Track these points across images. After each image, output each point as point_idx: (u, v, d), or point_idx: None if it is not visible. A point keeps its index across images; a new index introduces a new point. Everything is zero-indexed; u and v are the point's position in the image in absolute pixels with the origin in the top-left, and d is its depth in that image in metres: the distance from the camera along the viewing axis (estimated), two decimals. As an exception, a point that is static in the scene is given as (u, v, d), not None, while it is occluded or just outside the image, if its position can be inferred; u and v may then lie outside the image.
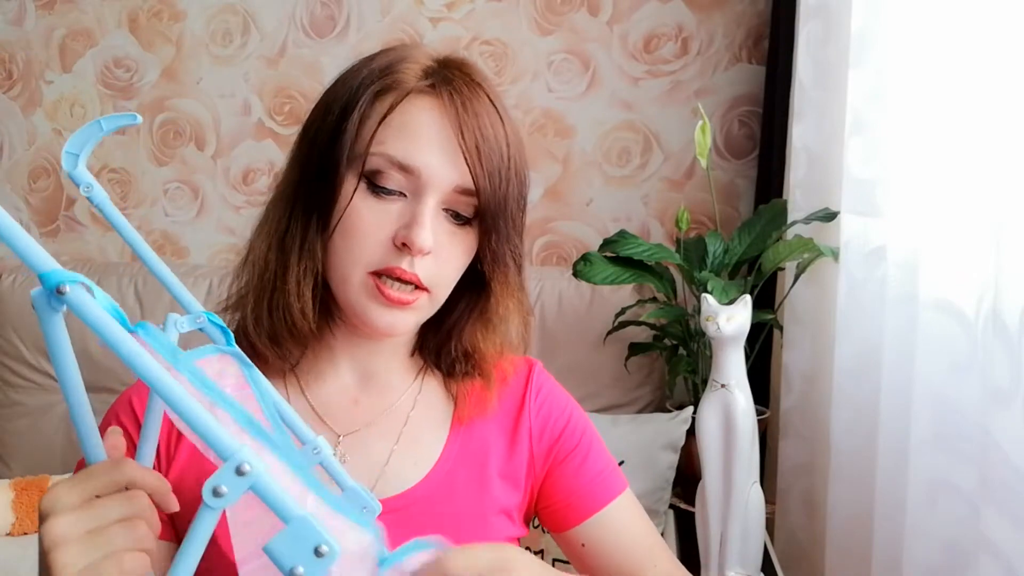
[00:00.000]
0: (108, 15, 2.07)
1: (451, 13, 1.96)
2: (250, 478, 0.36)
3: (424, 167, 0.69)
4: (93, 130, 0.51)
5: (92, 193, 0.51)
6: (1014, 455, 0.89)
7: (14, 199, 2.17)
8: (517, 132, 0.76)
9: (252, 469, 0.36)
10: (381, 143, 0.70)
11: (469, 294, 0.80)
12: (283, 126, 2.04)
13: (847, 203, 1.35)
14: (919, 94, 1.14)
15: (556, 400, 0.86)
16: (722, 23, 1.88)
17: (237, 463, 0.36)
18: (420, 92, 0.71)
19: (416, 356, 0.84)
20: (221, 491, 0.36)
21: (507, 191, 0.73)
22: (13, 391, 1.89)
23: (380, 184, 0.70)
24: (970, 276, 1.02)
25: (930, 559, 1.07)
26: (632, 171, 1.95)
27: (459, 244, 0.73)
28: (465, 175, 0.70)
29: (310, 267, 0.72)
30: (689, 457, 1.57)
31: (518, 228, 0.77)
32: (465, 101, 0.71)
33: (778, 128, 1.69)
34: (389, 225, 0.70)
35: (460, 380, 0.82)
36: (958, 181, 1.05)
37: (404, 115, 0.70)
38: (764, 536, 1.24)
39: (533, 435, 0.83)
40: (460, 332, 0.81)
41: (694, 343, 1.60)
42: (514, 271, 0.78)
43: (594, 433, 0.87)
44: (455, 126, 0.70)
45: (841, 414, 1.34)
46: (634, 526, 0.84)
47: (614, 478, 0.85)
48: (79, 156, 0.51)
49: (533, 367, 0.87)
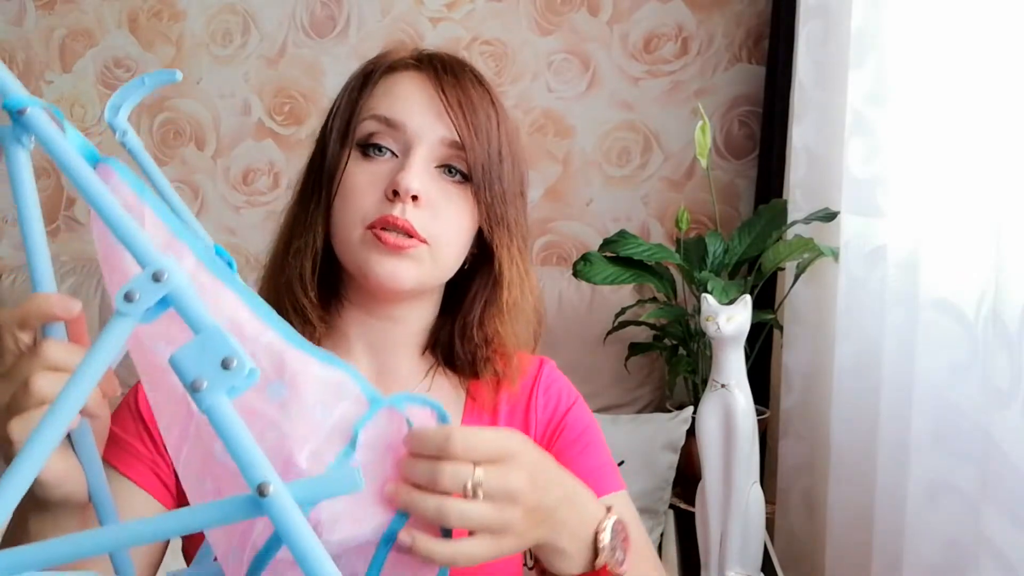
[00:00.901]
0: (108, 15, 2.07)
1: (451, 13, 1.96)
2: (166, 286, 0.33)
3: (408, 120, 0.73)
4: (136, 84, 0.54)
5: (127, 139, 0.54)
6: (1014, 455, 0.89)
7: (14, 199, 2.17)
8: (505, 110, 0.79)
9: (170, 278, 0.33)
10: (369, 109, 0.74)
11: (481, 275, 0.81)
12: (283, 126, 2.04)
13: (847, 203, 1.35)
14: (919, 94, 1.14)
15: (562, 394, 0.86)
16: (722, 23, 1.88)
17: (155, 269, 0.34)
18: (406, 67, 0.76)
19: (428, 355, 0.84)
20: (133, 296, 0.33)
21: (499, 153, 0.76)
22: (13, 391, 1.88)
23: (371, 144, 0.74)
24: (970, 276, 1.02)
25: (930, 559, 1.07)
26: (632, 171, 1.95)
27: (455, 201, 0.75)
28: (450, 128, 0.73)
29: (309, 240, 0.75)
30: (689, 457, 1.57)
31: (516, 201, 0.79)
32: (447, 69, 0.76)
33: (778, 128, 1.69)
34: (381, 182, 0.72)
35: (479, 374, 0.81)
36: (958, 181, 1.05)
37: (389, 82, 0.75)
38: (764, 536, 1.24)
39: (537, 429, 0.83)
40: (475, 312, 0.81)
41: (694, 343, 1.60)
42: (517, 237, 0.79)
43: (597, 432, 0.86)
44: (436, 87, 0.74)
45: (841, 414, 1.34)
46: None
47: (609, 476, 0.83)
48: (120, 107, 0.54)
49: (544, 364, 0.87)
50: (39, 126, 0.37)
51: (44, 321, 0.47)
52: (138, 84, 0.53)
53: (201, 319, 0.34)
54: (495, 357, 0.81)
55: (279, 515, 0.32)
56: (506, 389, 0.82)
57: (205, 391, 0.33)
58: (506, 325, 0.80)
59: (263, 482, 0.32)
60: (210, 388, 0.33)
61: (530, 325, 0.83)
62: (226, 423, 0.33)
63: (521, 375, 0.83)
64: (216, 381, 0.33)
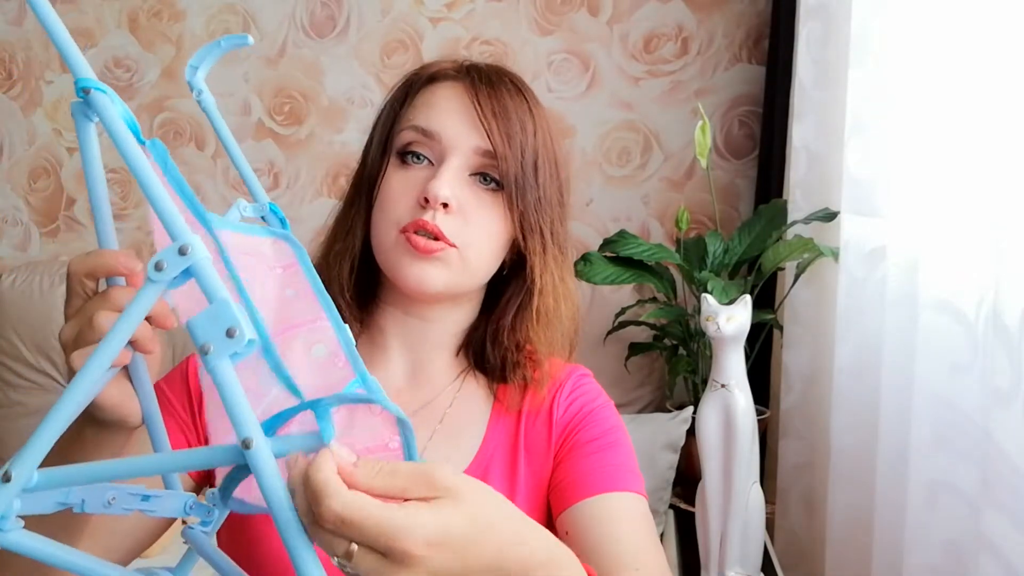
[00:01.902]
0: (108, 15, 2.07)
1: (451, 13, 1.96)
2: (189, 259, 0.39)
3: (443, 130, 0.76)
4: (212, 48, 0.58)
5: (202, 98, 0.58)
6: (1014, 455, 0.89)
7: (14, 199, 2.17)
8: (548, 122, 0.81)
9: (193, 251, 0.39)
10: (408, 120, 0.78)
11: (515, 281, 0.82)
12: (283, 126, 2.04)
13: (847, 203, 1.35)
14: (919, 94, 1.14)
15: (586, 397, 0.84)
16: (722, 23, 1.88)
17: (181, 243, 0.39)
18: (445, 77, 0.80)
19: (461, 356, 0.85)
20: (162, 265, 0.40)
21: (534, 163, 0.78)
22: (13, 391, 1.89)
23: (409, 152, 0.77)
24: (970, 276, 1.02)
25: (930, 559, 1.07)
26: (632, 171, 1.95)
27: (487, 209, 0.77)
28: (484, 137, 0.76)
29: (349, 244, 0.79)
30: (689, 457, 1.57)
31: (553, 207, 0.80)
32: (484, 80, 0.78)
33: (778, 128, 1.69)
34: (417, 188, 0.75)
35: (508, 378, 0.81)
36: (958, 181, 1.05)
37: (428, 94, 0.79)
38: (764, 536, 1.24)
39: (556, 430, 0.81)
40: (508, 318, 0.82)
41: (694, 343, 1.60)
42: (551, 244, 0.80)
43: (622, 435, 0.82)
44: (472, 97, 0.77)
45: (841, 414, 1.34)
46: (630, 526, 0.75)
47: (626, 477, 0.78)
48: (198, 68, 0.58)
49: (575, 371, 0.86)
50: (100, 106, 0.43)
51: (109, 275, 0.53)
52: (214, 46, 0.58)
53: (214, 291, 0.39)
54: (525, 362, 0.82)
55: (257, 464, 0.38)
56: (532, 394, 0.81)
57: (211, 355, 0.38)
58: (538, 331, 0.81)
59: (247, 437, 0.37)
60: (215, 352, 0.38)
61: (566, 333, 0.83)
62: (225, 383, 0.38)
63: (550, 381, 0.82)
64: (220, 347, 0.38)
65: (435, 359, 0.83)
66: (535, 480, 0.80)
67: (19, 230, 2.18)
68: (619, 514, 0.75)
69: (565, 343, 0.84)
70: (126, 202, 2.12)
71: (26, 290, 1.91)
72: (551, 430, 0.82)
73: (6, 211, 2.19)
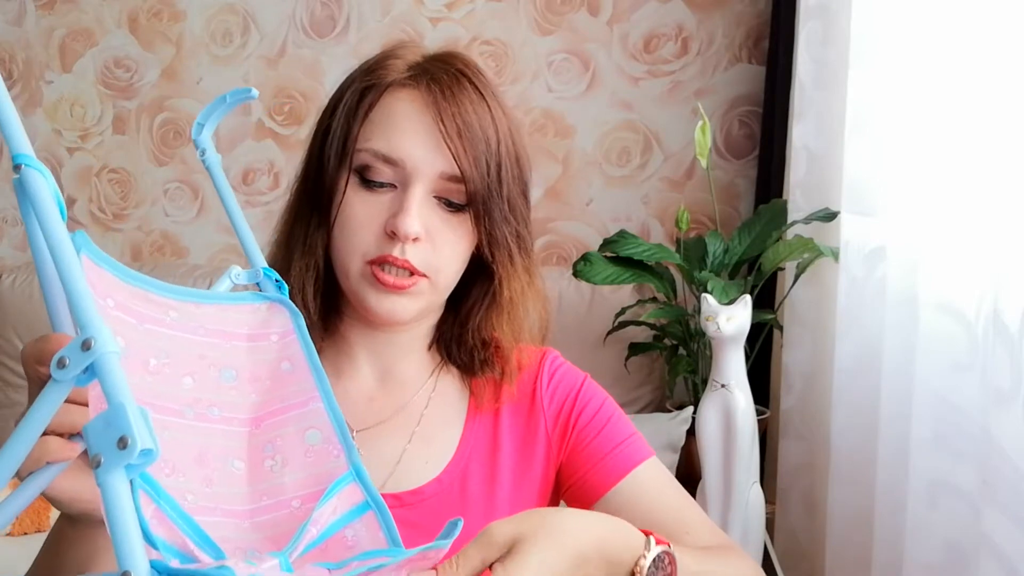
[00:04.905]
0: (108, 15, 2.07)
1: (451, 13, 1.96)
2: (93, 354, 0.35)
3: (407, 158, 0.71)
4: (218, 104, 0.57)
5: (206, 157, 0.57)
6: (1015, 455, 0.89)
7: (14, 199, 2.17)
8: (508, 116, 0.77)
9: (97, 346, 0.35)
10: (367, 139, 0.72)
11: (480, 282, 0.80)
12: (283, 126, 2.04)
13: (847, 203, 1.35)
14: (919, 94, 1.14)
15: (567, 381, 0.85)
16: (722, 23, 1.88)
17: (86, 336, 0.35)
18: (400, 85, 0.74)
19: (433, 351, 0.84)
20: (64, 362, 0.35)
21: (498, 175, 0.74)
22: (13, 391, 1.89)
23: (370, 178, 0.73)
24: (970, 276, 1.02)
25: (930, 559, 1.07)
26: (632, 171, 1.95)
27: (454, 230, 0.74)
28: (450, 161, 0.71)
29: (311, 262, 0.75)
30: (689, 457, 1.57)
31: (517, 212, 0.77)
32: (444, 89, 0.73)
33: (778, 128, 1.69)
34: (381, 215, 0.72)
35: (477, 374, 0.81)
36: (958, 181, 1.05)
37: (385, 108, 0.73)
38: (764, 536, 1.24)
39: (547, 423, 0.82)
40: (474, 320, 0.81)
41: (694, 343, 1.60)
42: (518, 254, 0.78)
43: (613, 406, 0.85)
44: (435, 114, 0.72)
45: (841, 414, 1.34)
46: (661, 493, 0.80)
47: (636, 447, 0.82)
48: (204, 126, 0.57)
49: (546, 355, 0.86)
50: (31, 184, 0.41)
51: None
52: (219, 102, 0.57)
53: (113, 392, 0.34)
54: (493, 358, 0.81)
55: None
56: (506, 388, 0.81)
57: (102, 468, 0.33)
58: (505, 330, 0.81)
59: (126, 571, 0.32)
60: (105, 465, 0.33)
61: (532, 324, 0.82)
62: (113, 502, 0.33)
63: (521, 372, 0.82)
64: (111, 459, 0.33)
65: (406, 362, 0.82)
66: (522, 471, 0.81)
67: (19, 230, 2.18)
68: (646, 487, 0.80)
69: (536, 333, 0.83)
70: (126, 202, 2.12)
71: (26, 290, 1.91)
72: (543, 421, 0.82)
73: (6, 211, 2.19)
